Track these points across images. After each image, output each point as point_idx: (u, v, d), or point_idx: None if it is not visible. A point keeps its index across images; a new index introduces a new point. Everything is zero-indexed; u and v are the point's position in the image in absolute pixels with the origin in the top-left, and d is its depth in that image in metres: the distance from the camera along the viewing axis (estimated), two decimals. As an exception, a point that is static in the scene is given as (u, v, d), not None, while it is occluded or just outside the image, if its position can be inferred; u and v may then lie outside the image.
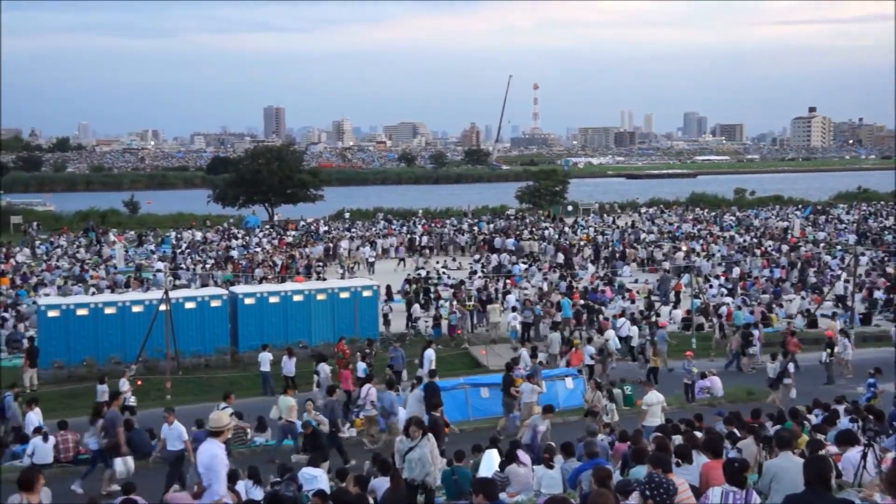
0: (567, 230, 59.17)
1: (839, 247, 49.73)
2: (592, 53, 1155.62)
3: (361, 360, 24.04)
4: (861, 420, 14.74)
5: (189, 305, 27.85)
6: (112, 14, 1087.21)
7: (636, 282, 40.90)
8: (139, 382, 23.73)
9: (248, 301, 28.81)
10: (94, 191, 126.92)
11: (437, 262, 46.18)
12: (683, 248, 47.29)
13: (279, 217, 72.51)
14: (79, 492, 16.18)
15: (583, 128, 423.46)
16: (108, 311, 27.26)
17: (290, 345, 26.70)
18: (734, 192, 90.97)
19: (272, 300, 28.95)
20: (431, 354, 23.95)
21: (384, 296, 33.56)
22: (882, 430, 14.14)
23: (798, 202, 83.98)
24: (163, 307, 26.23)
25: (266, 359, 25.06)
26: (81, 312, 27.07)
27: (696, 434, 13.05)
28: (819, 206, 77.28)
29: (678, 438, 12.82)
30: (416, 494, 12.14)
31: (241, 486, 12.46)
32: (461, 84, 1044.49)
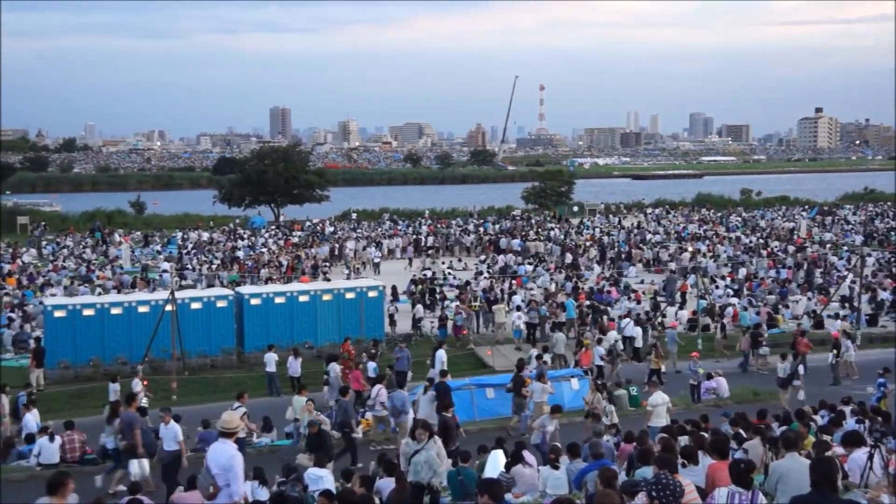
0: (572, 231, 59.14)
1: (845, 247, 49.60)
2: (598, 54, 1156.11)
3: (371, 360, 24.07)
4: (867, 421, 14.70)
5: (195, 306, 27.90)
6: (118, 15, 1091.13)
7: (642, 282, 40.85)
8: (145, 382, 23.72)
9: (254, 301, 28.83)
10: (101, 191, 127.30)
11: (444, 263, 46.20)
12: (689, 249, 47.23)
13: (284, 218, 72.58)
14: (99, 485, 16.24)
15: (588, 128, 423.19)
16: (115, 312, 27.30)
17: (296, 345, 26.76)
18: (740, 193, 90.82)
19: (278, 301, 28.97)
20: (443, 355, 23.95)
21: (390, 296, 33.57)
22: (889, 432, 14.07)
23: (804, 203, 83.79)
24: (169, 307, 26.29)
25: (272, 359, 25.08)
26: (88, 313, 27.12)
27: (703, 435, 13.02)
28: (825, 207, 77.11)
29: (684, 439, 12.80)
30: (422, 496, 12.11)
31: (248, 487, 12.47)
32: (467, 85, 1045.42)
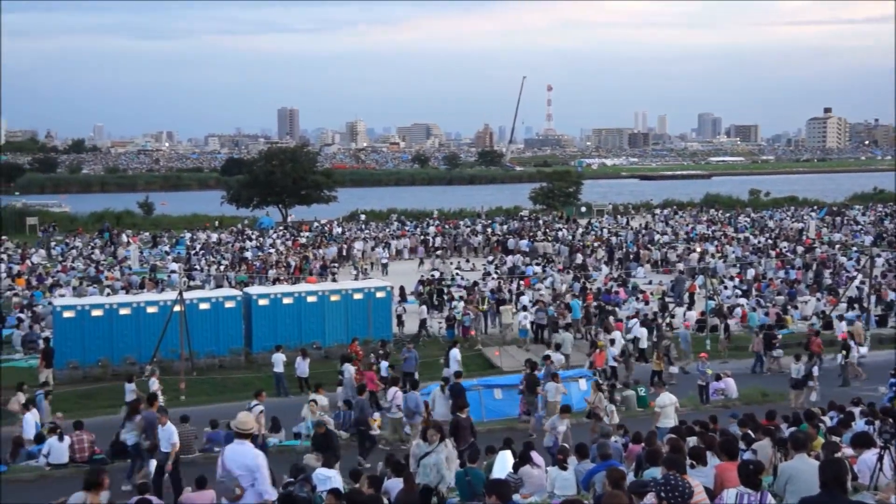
0: (580, 231, 59.09)
1: (855, 248, 49.42)
2: (606, 54, 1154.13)
3: (384, 360, 24.10)
4: (877, 422, 14.64)
5: (203, 306, 27.97)
6: (127, 16, 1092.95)
7: (650, 283, 40.77)
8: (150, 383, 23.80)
9: (262, 302, 28.89)
10: (109, 192, 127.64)
11: (452, 264, 46.24)
12: (698, 250, 47.13)
13: (292, 218, 72.68)
14: (128, 489, 16.30)
15: (596, 129, 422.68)
16: (123, 312, 27.40)
17: (304, 346, 26.79)
18: (749, 193, 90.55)
19: (286, 301, 29.02)
20: (457, 354, 23.98)
21: (398, 297, 33.57)
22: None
23: (813, 203, 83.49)
24: (177, 308, 26.35)
25: (279, 360, 25.12)
26: (96, 313, 27.23)
27: (712, 435, 12.98)
28: (835, 208, 76.83)
29: (692, 440, 12.77)
30: (430, 498, 12.07)
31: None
32: (474, 85, 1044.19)
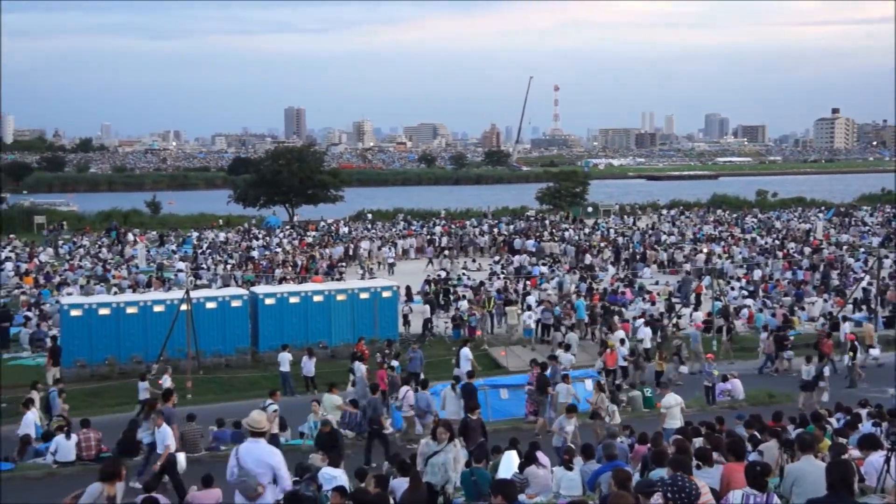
0: (587, 231, 59.04)
1: (862, 249, 49.27)
2: (613, 54, 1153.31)
3: (395, 359, 24.10)
4: (884, 424, 14.59)
5: (210, 305, 28.02)
6: (134, 16, 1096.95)
7: (657, 284, 40.71)
8: (160, 382, 23.86)
9: (269, 301, 28.93)
10: (117, 191, 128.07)
11: (460, 264, 46.31)
12: (704, 250, 47.04)
13: (298, 218, 72.76)
14: (137, 486, 16.34)
15: (603, 129, 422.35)
16: (130, 311, 27.47)
17: (310, 345, 26.82)
18: (756, 194, 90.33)
19: (292, 300, 29.05)
20: (468, 353, 23.96)
21: (404, 297, 33.60)
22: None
23: (821, 204, 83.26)
24: (184, 307, 26.41)
25: (286, 359, 25.13)
26: (104, 312, 27.29)
27: (719, 436, 12.96)
28: (842, 208, 76.60)
29: (699, 441, 12.76)
30: (437, 497, 12.04)
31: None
32: (481, 85, 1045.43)
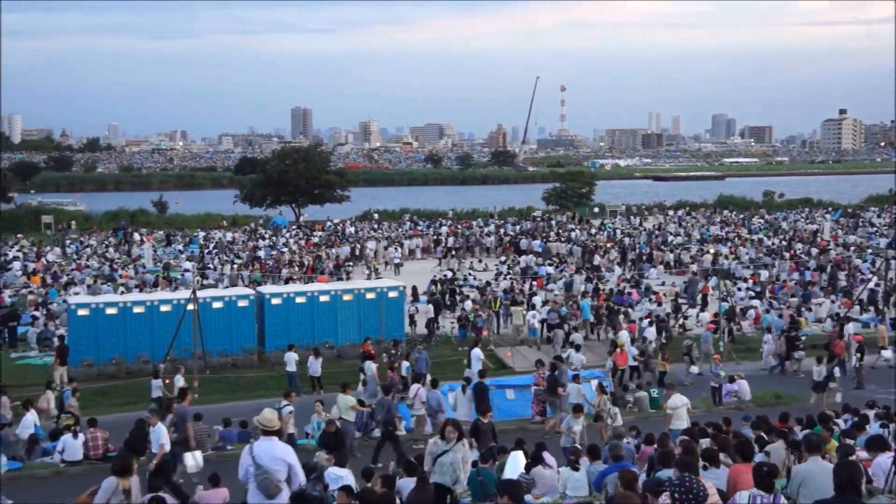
0: (593, 232, 58.99)
1: (870, 250, 49.13)
2: (620, 55, 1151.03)
3: (405, 360, 24.10)
4: (892, 425, 14.55)
5: (216, 305, 28.07)
6: (141, 16, 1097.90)
7: (663, 284, 40.65)
8: (167, 381, 23.91)
9: (275, 301, 28.96)
10: (124, 191, 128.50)
11: (467, 264, 46.37)
12: (711, 251, 46.96)
13: (305, 218, 72.84)
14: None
15: (610, 129, 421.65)
16: (137, 311, 27.54)
17: (317, 345, 26.84)
18: (763, 195, 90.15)
19: (299, 300, 29.08)
20: (479, 354, 23.94)
21: (410, 297, 33.60)
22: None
23: (828, 205, 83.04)
24: (191, 307, 26.46)
25: (292, 359, 25.15)
26: (111, 311, 27.37)
27: (726, 437, 12.93)
28: (850, 209, 76.40)
29: (705, 442, 12.74)
30: (445, 497, 11.99)
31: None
32: (488, 85, 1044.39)
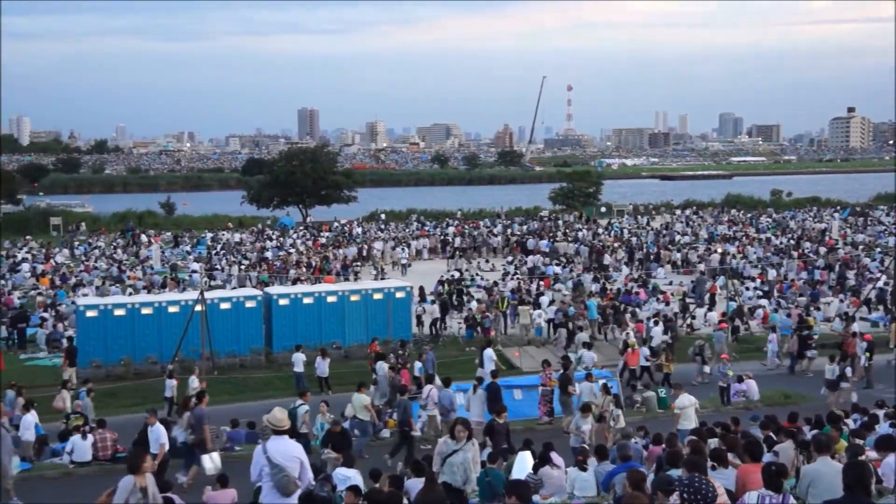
0: (600, 231, 58.92)
1: (878, 249, 48.95)
2: (626, 54, 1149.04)
3: (417, 360, 24.12)
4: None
5: (224, 306, 28.09)
6: (148, 18, 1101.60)
7: (671, 284, 40.58)
8: (176, 381, 23.97)
9: (283, 302, 28.98)
10: (131, 192, 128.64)
11: (476, 264, 46.40)
12: (719, 250, 46.86)
13: (312, 219, 72.91)
14: (183, 479, 16.44)
15: (617, 129, 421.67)
16: (145, 312, 27.59)
17: (324, 346, 26.86)
18: (771, 194, 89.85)
19: (306, 301, 29.10)
20: (492, 354, 23.94)
21: (417, 297, 33.61)
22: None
23: (836, 204, 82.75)
24: (198, 308, 26.51)
25: (299, 359, 25.16)
26: (119, 313, 27.43)
27: (735, 437, 12.90)
28: (858, 208, 76.13)
29: (713, 442, 12.71)
30: (454, 498, 11.96)
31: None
32: (494, 85, 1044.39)
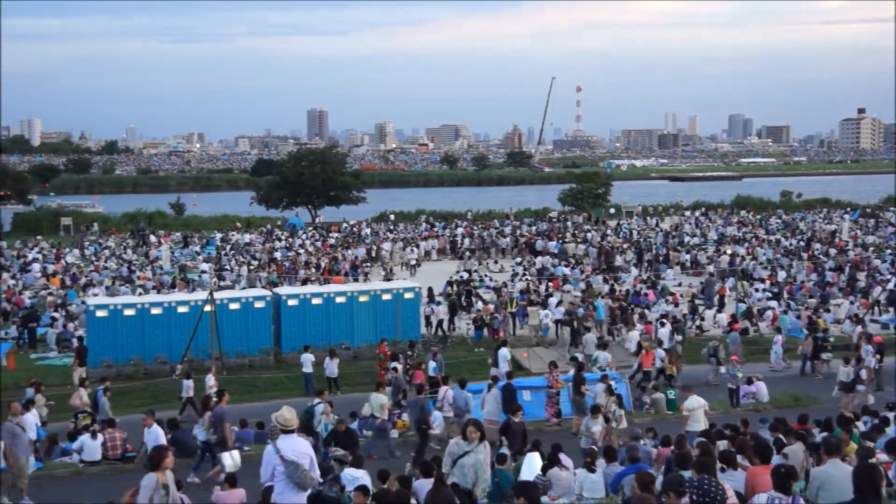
0: (609, 233, 58.83)
1: (889, 251, 48.74)
2: (635, 55, 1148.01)
3: (433, 360, 24.14)
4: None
5: (233, 306, 28.13)
6: (157, 19, 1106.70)
7: (680, 285, 40.49)
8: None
9: (292, 302, 29.01)
10: (141, 193, 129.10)
11: (488, 265, 46.41)
12: (728, 252, 46.73)
13: (321, 219, 73.01)
14: (196, 481, 16.49)
15: (626, 130, 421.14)
16: (155, 312, 27.64)
17: (333, 346, 26.89)
18: (781, 195, 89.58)
19: (315, 302, 29.12)
20: (506, 354, 23.92)
21: (426, 298, 33.63)
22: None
23: (846, 205, 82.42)
24: (208, 308, 26.58)
25: (308, 360, 25.22)
26: (129, 312, 27.50)
27: (745, 438, 12.87)
28: (868, 209, 75.81)
29: (723, 444, 12.68)
30: (465, 499, 11.95)
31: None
32: (503, 86, 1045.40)
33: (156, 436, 16.06)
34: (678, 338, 28.25)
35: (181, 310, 27.68)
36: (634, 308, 32.69)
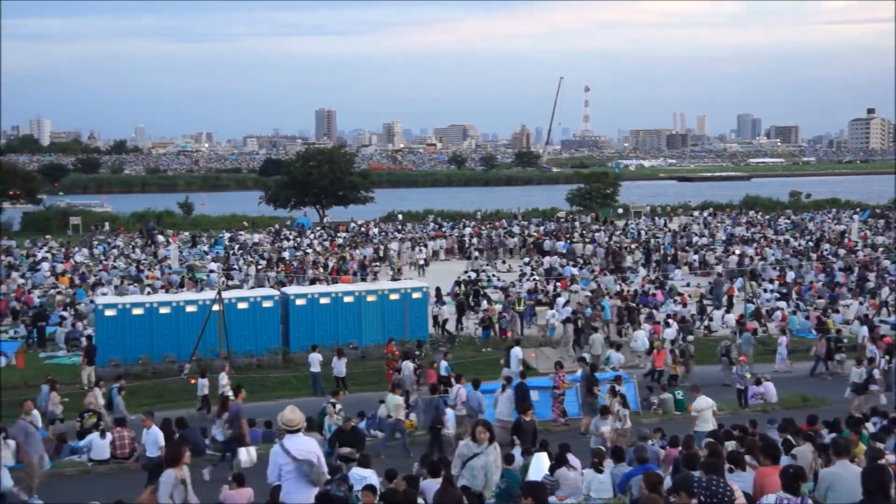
0: (617, 233, 58.74)
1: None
2: (644, 55, 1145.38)
3: (444, 360, 24.10)
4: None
5: (241, 306, 28.19)
6: (166, 19, 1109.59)
7: (688, 285, 40.41)
8: (192, 381, 24.10)
9: (300, 302, 29.04)
10: (150, 192, 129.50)
11: (496, 265, 46.37)
12: (737, 252, 46.62)
13: (329, 219, 73.10)
14: (207, 478, 16.51)
15: (634, 130, 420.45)
16: (163, 311, 27.71)
17: (341, 346, 26.92)
18: (789, 195, 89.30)
19: (323, 301, 29.15)
20: (519, 353, 23.88)
21: (434, 298, 33.64)
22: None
23: (856, 205, 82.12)
24: (216, 307, 26.63)
25: (316, 359, 25.24)
26: (137, 312, 27.57)
27: (753, 439, 12.83)
28: (878, 210, 75.52)
29: (731, 444, 12.65)
30: (473, 501, 11.91)
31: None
32: (511, 86, 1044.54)
33: (154, 437, 16.04)
34: (689, 338, 28.20)
35: (189, 309, 27.74)
36: (642, 308, 32.66)
